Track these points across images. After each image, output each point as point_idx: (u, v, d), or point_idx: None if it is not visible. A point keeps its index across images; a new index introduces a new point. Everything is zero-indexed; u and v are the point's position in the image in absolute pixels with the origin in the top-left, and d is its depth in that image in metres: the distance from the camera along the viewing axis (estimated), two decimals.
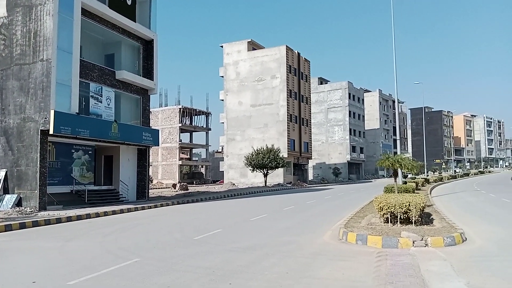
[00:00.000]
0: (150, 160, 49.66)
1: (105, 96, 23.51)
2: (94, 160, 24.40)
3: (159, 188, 49.11)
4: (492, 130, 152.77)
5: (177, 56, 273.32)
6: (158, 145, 31.77)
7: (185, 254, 8.90)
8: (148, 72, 27.06)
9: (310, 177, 67.31)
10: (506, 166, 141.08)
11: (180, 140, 65.67)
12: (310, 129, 62.45)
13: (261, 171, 46.77)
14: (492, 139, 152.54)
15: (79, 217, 16.56)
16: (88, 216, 17.03)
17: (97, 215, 17.55)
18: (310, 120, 62.85)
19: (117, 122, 23.28)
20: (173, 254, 8.94)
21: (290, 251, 9.08)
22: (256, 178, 51.90)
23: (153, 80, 26.96)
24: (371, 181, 62.44)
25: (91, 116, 22.34)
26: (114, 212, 18.68)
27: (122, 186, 25.03)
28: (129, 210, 19.78)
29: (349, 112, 74.23)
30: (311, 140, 62.61)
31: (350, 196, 28.67)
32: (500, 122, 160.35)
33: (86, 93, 22.26)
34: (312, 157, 64.63)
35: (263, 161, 45.13)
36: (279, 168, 48.30)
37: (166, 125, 65.23)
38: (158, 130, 30.59)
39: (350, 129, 74.03)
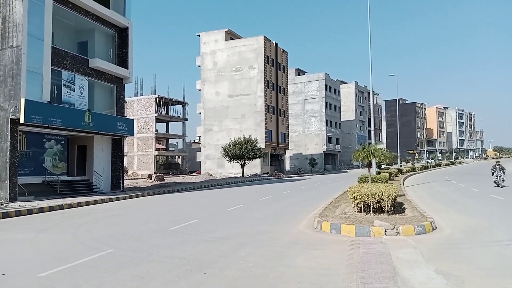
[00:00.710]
0: (125, 151, 48.95)
1: (78, 85, 22.95)
2: (67, 150, 23.85)
3: (134, 179, 48.52)
4: (463, 122, 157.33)
5: (153, 44, 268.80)
6: (133, 135, 31.36)
7: (161, 245, 8.86)
8: (122, 61, 26.51)
9: (287, 167, 67.83)
10: (476, 157, 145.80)
11: (156, 130, 64.86)
12: (288, 120, 62.76)
13: (238, 162, 46.81)
14: (463, 131, 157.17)
15: (51, 208, 16.21)
16: (60, 207, 16.70)
17: (70, 206, 17.23)
18: (288, 111, 63.14)
19: (91, 112, 22.79)
20: (148, 245, 8.88)
21: (266, 241, 9.17)
22: (233, 169, 51.93)
23: (128, 69, 26.45)
24: (346, 172, 63.43)
25: (64, 105, 21.79)
26: (87, 203, 18.37)
27: (96, 176, 24.60)
28: (103, 201, 19.49)
29: (326, 103, 74.88)
30: (288, 131, 62.96)
31: (326, 186, 29.07)
32: (471, 114, 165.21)
33: (58, 81, 21.67)
34: (289, 148, 65.06)
35: (240, 151, 45.14)
36: (257, 159, 48.46)
37: (142, 115, 64.25)
38: (133, 120, 30.12)
39: (326, 120, 74.77)
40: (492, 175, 23.40)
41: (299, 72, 79.00)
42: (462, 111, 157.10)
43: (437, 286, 5.59)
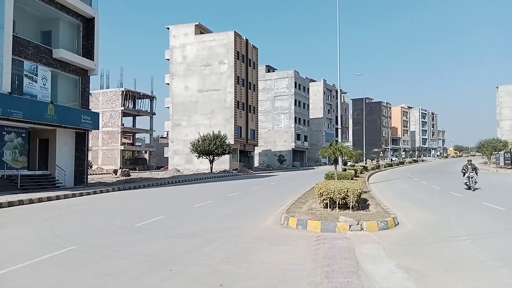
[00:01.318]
0: (90, 145, 47.64)
1: (41, 76, 22.11)
2: (28, 143, 22.94)
3: (99, 174, 47.35)
4: (426, 121, 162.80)
5: (120, 36, 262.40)
6: (98, 129, 30.59)
7: (125, 241, 8.70)
8: (88, 52, 25.74)
9: (256, 164, 68.07)
10: (437, 155, 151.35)
11: (122, 124, 63.48)
12: (257, 117, 62.92)
13: (207, 158, 46.52)
14: (426, 130, 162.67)
15: (10, 204, 15.57)
16: (21, 202, 16.07)
17: (31, 201, 16.60)
18: (257, 108, 63.28)
19: (54, 104, 22.02)
20: (112, 242, 8.69)
21: (233, 237, 9.17)
22: (202, 165, 51.59)
23: (93, 61, 25.71)
24: (314, 168, 64.33)
25: (25, 96, 20.96)
26: (49, 199, 17.76)
27: (59, 171, 23.82)
28: (66, 197, 18.91)
29: (295, 100, 75.58)
30: (257, 128, 63.14)
31: (294, 182, 29.38)
32: (433, 114, 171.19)
33: (19, 71, 20.80)
34: (258, 144, 65.30)
35: (209, 147, 44.87)
36: (226, 155, 48.35)
37: (108, 108, 62.68)
38: (98, 113, 29.35)
39: (295, 118, 75.51)
40: (463, 176, 20.27)
41: (269, 69, 79.30)
42: (425, 111, 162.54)
43: (398, 280, 5.77)
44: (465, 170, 20.04)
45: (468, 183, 19.70)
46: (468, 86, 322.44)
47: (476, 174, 19.67)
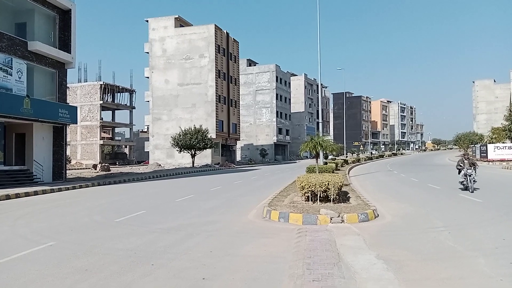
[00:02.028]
0: (68, 139, 46.71)
1: (16, 69, 21.50)
2: (3, 138, 22.32)
3: (78, 169, 46.54)
4: (405, 115, 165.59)
5: (98, 29, 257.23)
6: (77, 123, 30.03)
7: (105, 237, 8.59)
8: (65, 44, 25.14)
9: (238, 158, 68.04)
10: (416, 148, 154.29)
11: (101, 118, 62.47)
12: (239, 111, 62.78)
13: (188, 152, 46.22)
14: (405, 124, 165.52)
15: None
16: None
17: (8, 197, 16.21)
18: (239, 102, 63.13)
19: (30, 97, 21.47)
20: (92, 237, 8.57)
21: (215, 231, 9.16)
22: (183, 159, 51.26)
23: (70, 53, 25.14)
24: (295, 162, 64.72)
25: (0, 90, 20.33)
26: (27, 194, 17.37)
27: (36, 166, 23.30)
28: (44, 192, 18.53)
29: (277, 95, 75.69)
30: (239, 122, 63.03)
31: (276, 176, 29.51)
32: (412, 108, 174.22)
33: None
34: (240, 139, 65.24)
35: (190, 141, 44.56)
36: (207, 149, 48.10)
37: (86, 102, 61.57)
38: (76, 107, 28.81)
39: (277, 112, 75.67)
40: (459, 173, 16.44)
41: (250, 63, 79.12)
42: (404, 105, 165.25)
43: (378, 271, 5.87)
44: (461, 166, 16.24)
45: (464, 183, 15.84)
46: (445, 81, 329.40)
47: (475, 171, 15.77)
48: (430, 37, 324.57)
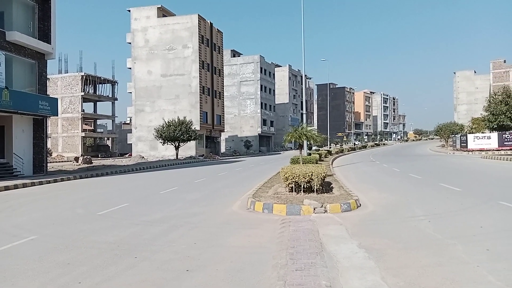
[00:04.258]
0: (49, 132, 45.83)
1: None
2: None
3: (59, 162, 45.83)
4: (387, 106, 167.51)
5: (79, 19, 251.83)
6: (57, 115, 29.50)
7: (88, 230, 8.51)
8: (44, 35, 24.55)
9: (223, 149, 67.93)
10: (398, 139, 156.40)
11: (83, 110, 61.49)
12: (223, 102, 62.52)
13: (172, 144, 45.87)
14: (388, 114, 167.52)
15: None
16: None
17: None
18: (223, 93, 62.82)
19: (9, 89, 20.96)
20: (74, 230, 8.48)
21: (199, 222, 9.17)
22: (167, 151, 50.90)
23: (50, 44, 24.57)
24: (280, 153, 64.96)
25: None
26: (7, 188, 17.04)
27: (16, 159, 22.84)
28: (24, 186, 18.21)
29: (261, 86, 75.59)
30: (223, 113, 62.79)
31: (260, 167, 29.59)
32: (394, 99, 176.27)
33: None
34: (225, 130, 65.05)
35: (174, 133, 44.19)
36: (191, 141, 47.82)
37: (67, 93, 60.43)
38: (57, 98, 28.27)
39: (261, 103, 75.63)
40: None
41: (235, 54, 78.69)
42: (387, 95, 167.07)
43: (359, 260, 5.97)
44: None
45: None
46: (428, 72, 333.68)
47: None
48: (412, 28, 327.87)
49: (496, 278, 5.04)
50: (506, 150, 42.35)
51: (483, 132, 50.38)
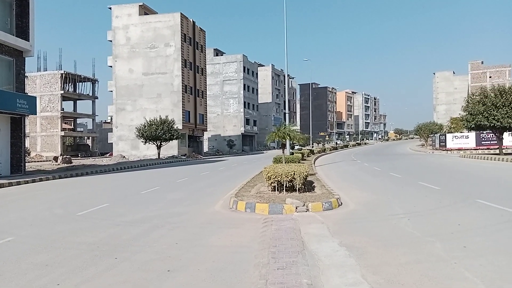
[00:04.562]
0: (27, 131, 44.82)
1: None
2: None
3: (38, 162, 44.86)
4: (369, 106, 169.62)
5: (58, 16, 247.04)
6: (36, 114, 28.88)
7: (67, 231, 8.35)
8: (22, 32, 23.96)
9: (205, 149, 67.64)
10: (379, 138, 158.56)
11: (62, 109, 60.35)
12: (206, 101, 62.23)
13: (154, 143, 45.41)
14: (369, 114, 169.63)
15: None
16: None
17: None
18: (206, 92, 62.55)
19: None
20: (53, 231, 8.32)
21: (181, 222, 9.11)
22: (148, 150, 50.40)
23: (28, 41, 23.99)
24: (263, 153, 65.07)
25: None
26: None
27: None
28: (1, 186, 17.76)
29: (244, 85, 75.54)
30: (206, 112, 62.52)
31: (243, 167, 29.58)
32: (376, 99, 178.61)
33: None
34: (208, 129, 64.78)
35: (156, 132, 43.76)
36: (174, 140, 47.46)
37: (46, 91, 59.21)
38: (36, 97, 27.58)
39: (244, 102, 75.58)
40: None
41: (217, 53, 78.41)
42: (368, 95, 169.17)
43: (340, 258, 6.03)
44: None
45: None
46: (408, 73, 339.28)
47: None
48: (393, 30, 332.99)
49: (473, 275, 5.15)
50: (483, 149, 43.44)
51: (461, 132, 51.49)
